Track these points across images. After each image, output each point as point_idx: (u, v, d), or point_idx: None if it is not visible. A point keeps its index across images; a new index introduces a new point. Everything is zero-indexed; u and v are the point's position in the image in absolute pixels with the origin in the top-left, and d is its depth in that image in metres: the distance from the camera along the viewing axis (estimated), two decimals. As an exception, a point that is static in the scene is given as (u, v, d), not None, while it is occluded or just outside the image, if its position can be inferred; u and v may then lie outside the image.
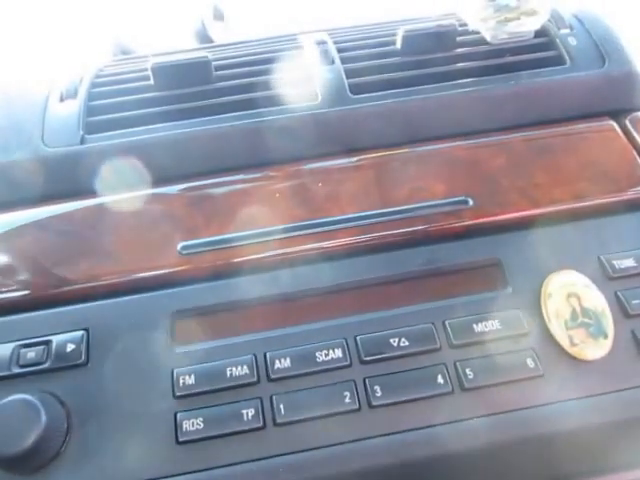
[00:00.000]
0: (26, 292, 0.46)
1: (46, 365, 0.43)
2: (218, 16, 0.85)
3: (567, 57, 0.58)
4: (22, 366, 0.43)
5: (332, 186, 0.51)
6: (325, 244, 0.48)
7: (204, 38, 0.83)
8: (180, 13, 0.84)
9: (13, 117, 0.54)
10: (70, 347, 0.43)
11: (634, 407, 0.43)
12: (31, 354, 0.43)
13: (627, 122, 0.55)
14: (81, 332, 0.44)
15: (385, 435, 0.41)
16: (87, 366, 0.43)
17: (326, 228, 0.49)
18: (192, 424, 0.41)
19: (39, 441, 0.38)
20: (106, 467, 0.40)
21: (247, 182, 0.52)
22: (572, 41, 0.59)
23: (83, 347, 0.43)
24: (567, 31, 0.60)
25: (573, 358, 0.44)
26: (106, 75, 0.59)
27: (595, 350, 0.44)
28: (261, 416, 0.41)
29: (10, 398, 0.39)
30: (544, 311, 0.45)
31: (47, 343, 0.43)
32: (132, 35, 0.81)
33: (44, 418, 0.38)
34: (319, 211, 0.49)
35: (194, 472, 0.40)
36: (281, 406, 0.41)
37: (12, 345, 0.43)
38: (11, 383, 0.42)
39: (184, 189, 0.51)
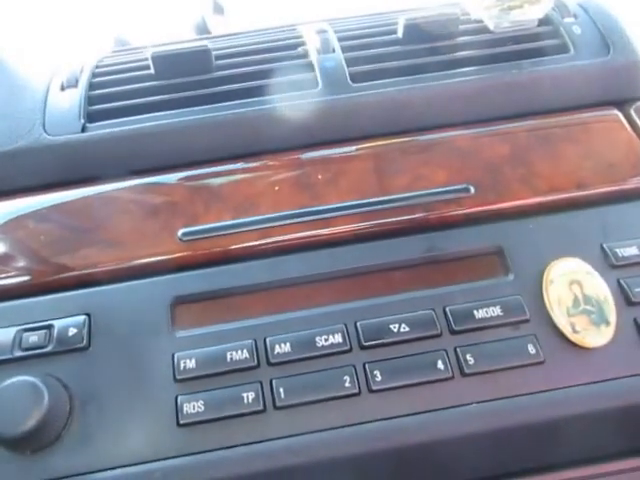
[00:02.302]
0: (28, 277, 0.47)
1: (48, 349, 0.43)
2: (218, 10, 0.86)
3: (571, 46, 0.57)
4: (24, 349, 0.43)
5: (333, 174, 0.51)
6: (325, 231, 0.48)
7: (204, 32, 0.83)
8: (180, 7, 0.85)
9: (15, 106, 0.55)
10: (72, 331, 0.44)
11: (635, 394, 0.43)
12: (33, 338, 0.43)
13: (632, 111, 0.55)
14: (83, 317, 0.44)
15: (385, 419, 0.41)
16: (89, 350, 0.43)
17: (327, 215, 0.49)
18: (193, 407, 0.41)
19: (42, 422, 0.38)
20: (107, 449, 0.40)
21: (247, 170, 0.52)
22: (576, 30, 0.59)
23: (85, 331, 0.44)
24: (571, 20, 0.59)
25: (575, 345, 0.44)
26: (107, 65, 0.59)
27: (597, 337, 0.44)
28: (261, 399, 0.41)
29: (14, 379, 0.39)
30: (546, 298, 0.45)
31: (49, 327, 0.44)
32: (132, 29, 0.82)
33: (47, 400, 0.39)
34: (319, 198, 0.50)
35: (195, 454, 0.40)
36: (281, 390, 0.42)
37: (15, 329, 0.44)
38: (14, 366, 0.42)
39: (184, 177, 0.51)
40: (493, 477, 0.45)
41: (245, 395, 0.41)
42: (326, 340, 0.43)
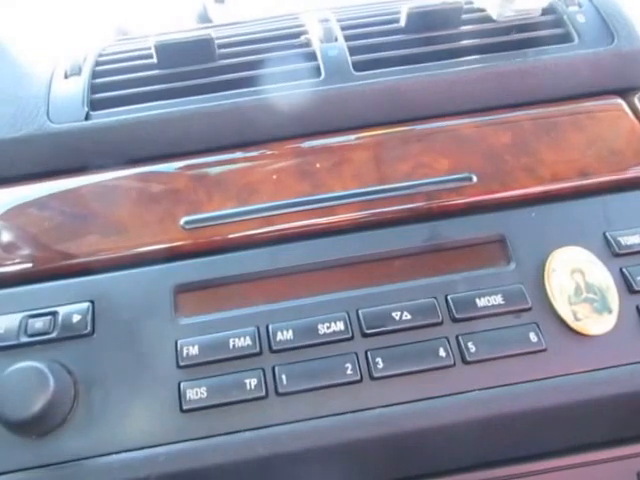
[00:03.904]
0: (33, 264, 0.47)
1: (53, 335, 0.43)
2: (219, -1, 0.85)
3: (575, 34, 0.57)
4: (30, 335, 0.43)
5: (335, 162, 0.51)
6: (328, 219, 0.49)
7: (205, 21, 0.83)
8: (181, -4, 0.85)
9: (19, 93, 0.55)
10: (76, 318, 0.44)
11: (637, 382, 0.43)
12: (38, 324, 0.44)
13: (635, 100, 0.55)
14: (87, 304, 0.45)
15: (386, 406, 0.42)
16: (93, 336, 0.44)
17: (329, 203, 0.49)
18: (196, 393, 0.41)
19: (47, 407, 0.39)
20: (111, 434, 0.41)
21: (250, 158, 0.52)
22: (580, 18, 0.58)
23: (89, 318, 0.44)
24: (575, 8, 0.59)
25: (577, 333, 0.44)
26: (110, 53, 0.59)
27: (599, 325, 0.44)
28: (263, 386, 0.42)
29: (19, 365, 0.40)
30: (548, 286, 0.45)
31: (54, 314, 0.44)
32: (133, 19, 0.82)
33: (52, 385, 0.39)
34: (322, 187, 0.50)
35: (197, 439, 0.41)
36: (283, 376, 0.42)
37: (20, 315, 0.44)
38: (19, 352, 0.43)
39: (187, 165, 0.52)
40: (494, 463, 0.45)
41: (247, 381, 0.42)
42: (328, 327, 0.44)
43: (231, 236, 0.48)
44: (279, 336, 0.43)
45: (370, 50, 0.56)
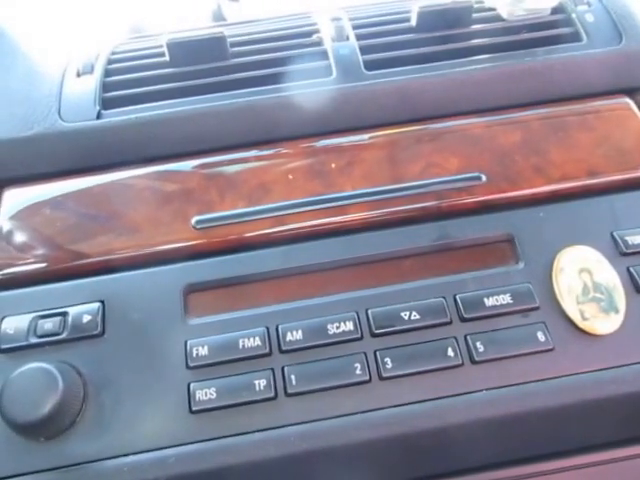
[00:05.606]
0: (43, 265, 0.47)
1: (63, 335, 0.43)
2: (233, -3, 0.85)
3: (584, 34, 0.57)
4: (39, 336, 0.43)
5: (346, 162, 0.51)
6: (338, 219, 0.49)
7: (219, 19, 0.83)
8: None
9: (31, 92, 0.55)
10: (86, 318, 0.44)
11: None
12: (48, 325, 0.44)
13: (643, 100, 0.55)
14: (97, 304, 0.45)
15: (395, 406, 0.42)
16: (103, 337, 0.44)
17: (339, 203, 0.49)
18: (205, 394, 0.42)
19: (56, 409, 0.39)
20: (121, 435, 0.41)
21: (261, 157, 0.52)
22: (589, 18, 0.58)
23: (99, 318, 0.44)
24: (584, 8, 0.59)
25: (584, 332, 0.44)
26: (122, 51, 0.59)
27: (606, 325, 0.44)
28: (273, 387, 0.42)
29: (28, 366, 0.40)
30: (555, 286, 0.45)
31: (64, 314, 0.44)
32: (147, 16, 0.82)
33: (61, 386, 0.39)
34: (333, 186, 0.50)
35: (207, 440, 0.41)
36: (292, 377, 0.42)
37: (30, 316, 0.44)
38: (29, 353, 0.43)
39: (199, 164, 0.52)
40: (503, 463, 0.45)
41: (257, 382, 0.42)
42: (337, 328, 0.44)
43: (242, 236, 0.48)
44: (289, 336, 0.43)
45: (381, 49, 0.56)
